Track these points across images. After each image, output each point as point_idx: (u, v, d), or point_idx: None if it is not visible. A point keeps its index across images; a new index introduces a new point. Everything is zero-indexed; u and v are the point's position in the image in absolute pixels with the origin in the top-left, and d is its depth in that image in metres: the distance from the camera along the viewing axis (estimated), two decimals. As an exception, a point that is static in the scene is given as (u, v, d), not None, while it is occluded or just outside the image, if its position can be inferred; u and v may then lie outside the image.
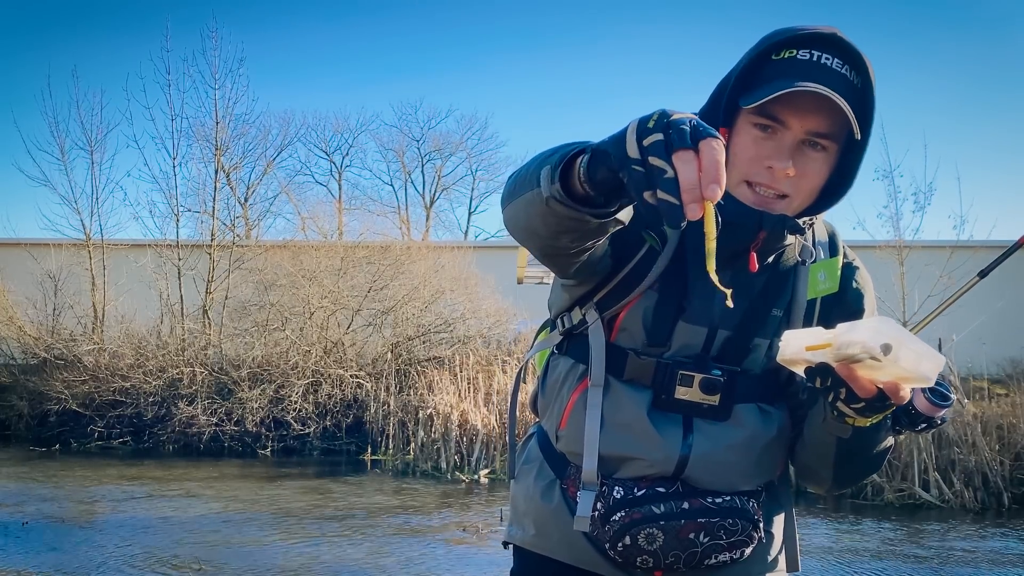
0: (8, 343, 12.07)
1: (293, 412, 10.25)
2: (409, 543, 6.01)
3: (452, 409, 9.13)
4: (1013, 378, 9.28)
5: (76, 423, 10.62)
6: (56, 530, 6.17)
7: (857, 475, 1.26)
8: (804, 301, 1.25)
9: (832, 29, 1.17)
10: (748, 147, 1.17)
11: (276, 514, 6.87)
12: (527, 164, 1.09)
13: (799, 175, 1.16)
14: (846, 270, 1.29)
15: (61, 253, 12.82)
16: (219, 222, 13.20)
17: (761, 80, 1.16)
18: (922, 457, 7.65)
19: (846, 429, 1.11)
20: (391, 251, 12.31)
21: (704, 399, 1.22)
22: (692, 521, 1.21)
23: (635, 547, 1.21)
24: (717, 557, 1.23)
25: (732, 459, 1.24)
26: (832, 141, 1.17)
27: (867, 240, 11.93)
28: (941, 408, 1.12)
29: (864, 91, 1.16)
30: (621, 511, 1.21)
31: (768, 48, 1.17)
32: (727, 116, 1.20)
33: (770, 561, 1.34)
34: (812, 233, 1.28)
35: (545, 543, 1.33)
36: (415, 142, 28.28)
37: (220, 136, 13.27)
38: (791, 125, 1.15)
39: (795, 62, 1.15)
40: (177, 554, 5.52)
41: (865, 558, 5.76)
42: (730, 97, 1.18)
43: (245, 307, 11.89)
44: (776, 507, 1.36)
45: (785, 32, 1.18)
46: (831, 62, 1.15)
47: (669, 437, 1.23)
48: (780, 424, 1.28)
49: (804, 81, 1.11)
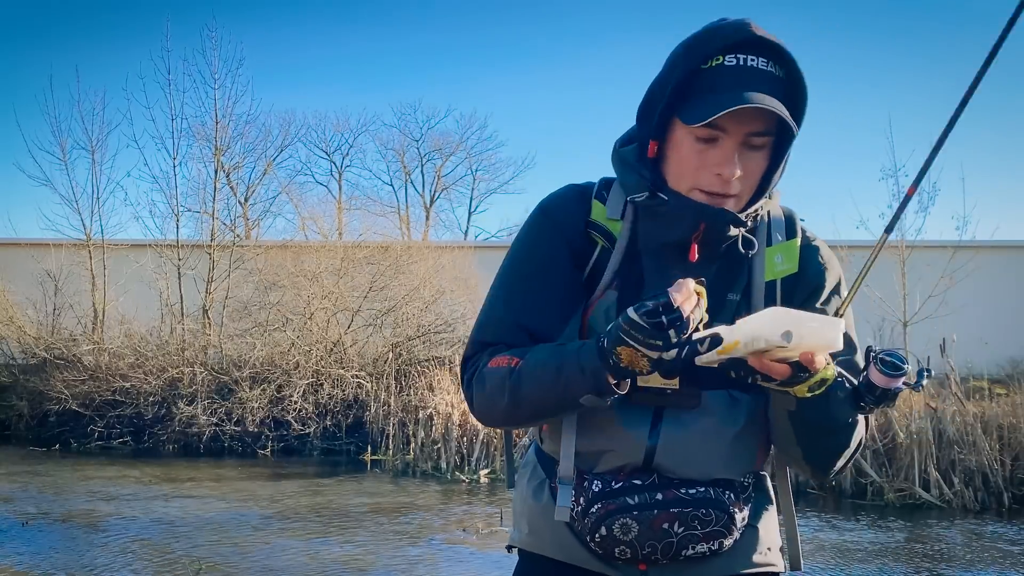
0: (8, 343, 12.06)
1: (293, 412, 10.25)
2: (409, 543, 6.01)
3: (452, 409, 9.13)
4: (1013, 378, 9.26)
5: (76, 423, 10.61)
6: (56, 530, 6.18)
7: (827, 453, 1.27)
8: (763, 284, 1.29)
9: (744, 24, 1.20)
10: (693, 157, 1.22)
11: (276, 514, 6.87)
12: (509, 394, 1.24)
13: (744, 175, 1.22)
14: (805, 251, 1.34)
15: (61, 253, 12.81)
16: (219, 222, 13.21)
17: (695, 91, 1.20)
18: (922, 457, 7.64)
19: (790, 401, 1.16)
20: (391, 251, 12.31)
21: (665, 384, 1.25)
22: (665, 511, 1.24)
23: (611, 538, 1.25)
24: (694, 548, 1.26)
25: (701, 446, 1.26)
26: (768, 136, 1.23)
27: (869, 240, 11.90)
28: (897, 378, 1.14)
29: (789, 80, 1.21)
30: (598, 503, 1.26)
31: (695, 61, 1.21)
32: (660, 128, 1.24)
33: (755, 558, 1.35)
34: (768, 219, 1.32)
35: (538, 542, 1.37)
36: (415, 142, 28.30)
37: (220, 136, 13.27)
38: (732, 132, 1.20)
39: (724, 70, 1.19)
40: (177, 554, 5.52)
41: (865, 558, 5.76)
42: (665, 112, 1.23)
43: (245, 307, 11.89)
44: (764, 503, 1.38)
45: (706, 39, 1.22)
46: (756, 62, 1.19)
47: (638, 427, 1.27)
48: (751, 410, 1.29)
49: (735, 88, 1.17)
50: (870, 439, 7.91)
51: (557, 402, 1.21)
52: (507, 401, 1.25)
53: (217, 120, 13.18)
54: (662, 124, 1.24)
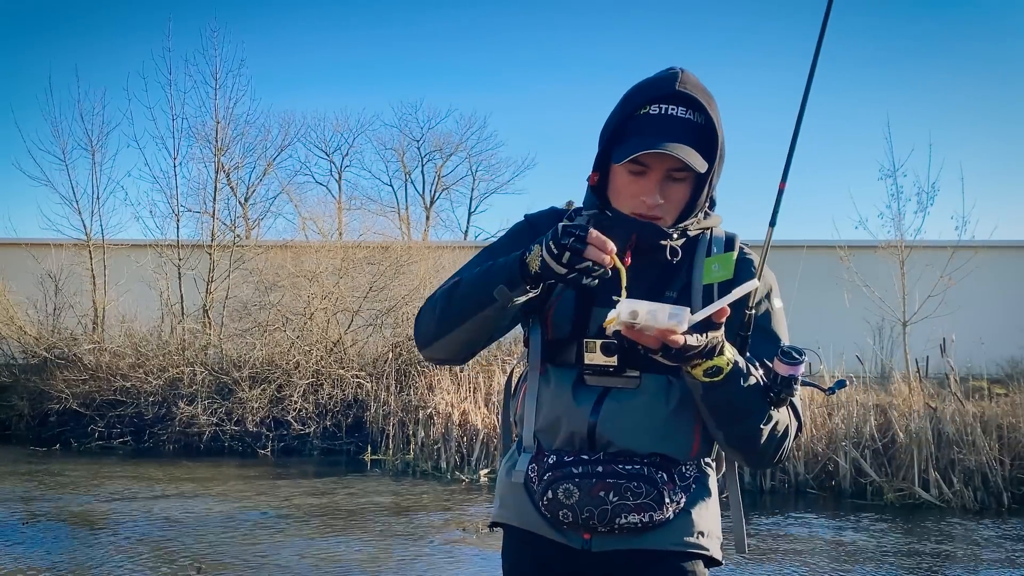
0: (8, 343, 12.06)
1: (293, 412, 10.25)
2: (409, 543, 6.01)
3: (452, 409, 9.14)
4: (1013, 378, 9.28)
5: (76, 423, 10.62)
6: (56, 530, 6.18)
7: (743, 438, 1.45)
8: (700, 286, 1.53)
9: (672, 78, 1.49)
10: (627, 186, 1.52)
11: (276, 514, 6.88)
12: (443, 298, 1.53)
13: (667, 202, 1.51)
14: (741, 263, 1.55)
15: (62, 253, 12.83)
16: (219, 222, 13.21)
17: (626, 134, 1.50)
18: (922, 457, 7.65)
19: (696, 385, 1.40)
20: (391, 251, 12.31)
21: (606, 361, 1.49)
22: (602, 481, 1.47)
23: (556, 501, 1.49)
24: (627, 517, 1.47)
25: (637, 420, 1.49)
26: (688, 171, 1.49)
27: (868, 240, 11.91)
28: (796, 365, 1.37)
29: (707, 125, 1.50)
30: (550, 472, 1.51)
31: (629, 109, 1.52)
32: (602, 162, 1.55)
33: (686, 538, 1.52)
34: (710, 236, 1.59)
35: (506, 512, 1.61)
36: (415, 142, 28.32)
37: (220, 136, 13.28)
38: (655, 168, 1.49)
39: (650, 119, 1.49)
40: (177, 554, 5.52)
41: (865, 558, 5.76)
42: (606, 148, 1.54)
43: (245, 307, 11.89)
44: (703, 495, 1.56)
45: (639, 91, 1.52)
46: (676, 111, 1.49)
47: (584, 404, 1.51)
48: (684, 394, 1.49)
49: (657, 135, 1.46)
50: (869, 439, 7.93)
51: (478, 294, 1.46)
52: (441, 305, 1.52)
53: (217, 120, 13.21)
54: (603, 159, 1.55)
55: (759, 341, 1.46)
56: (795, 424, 1.49)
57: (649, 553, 1.50)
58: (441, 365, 7.36)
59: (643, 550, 1.50)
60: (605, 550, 1.50)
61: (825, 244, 11.42)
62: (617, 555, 1.51)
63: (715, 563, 1.56)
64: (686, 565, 1.52)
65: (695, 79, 1.51)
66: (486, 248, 1.67)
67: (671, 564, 1.51)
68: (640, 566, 1.51)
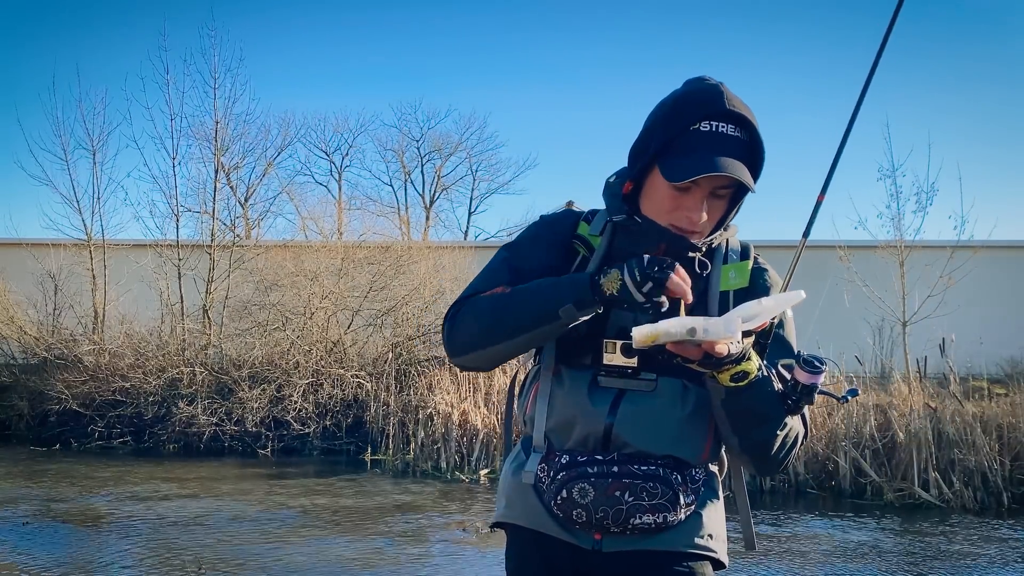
0: (8, 343, 12.06)
1: (293, 412, 10.25)
2: (409, 543, 6.02)
3: (452, 409, 9.14)
4: (1013, 378, 9.27)
5: (76, 423, 10.61)
6: (56, 530, 6.18)
7: (759, 443, 1.47)
8: (717, 293, 1.55)
9: (719, 95, 1.46)
10: (668, 200, 1.50)
11: (276, 514, 6.88)
12: (492, 311, 1.50)
13: (708, 218, 1.51)
14: (756, 272, 1.59)
15: (62, 253, 12.82)
16: (219, 222, 13.20)
17: (675, 151, 1.47)
18: (922, 457, 7.66)
19: (720, 390, 1.41)
20: (391, 251, 12.31)
21: (625, 362, 1.50)
22: (618, 481, 1.46)
23: (571, 500, 1.48)
24: (641, 518, 1.47)
25: (653, 423, 1.49)
26: (730, 188, 1.51)
27: (868, 240, 11.90)
28: (817, 375, 1.39)
29: (751, 143, 1.49)
30: (564, 472, 1.50)
31: (680, 125, 1.48)
32: (642, 173, 1.53)
33: (697, 540, 1.53)
34: (727, 245, 1.61)
35: (512, 512, 1.60)
36: (415, 142, 28.33)
37: (220, 136, 13.27)
38: (703, 186, 1.48)
39: (700, 136, 1.46)
40: (177, 554, 5.52)
41: (865, 558, 5.77)
42: (650, 161, 1.50)
43: (245, 307, 11.88)
44: (711, 497, 1.57)
45: (687, 106, 1.48)
46: (727, 129, 1.47)
47: (601, 406, 1.50)
48: (699, 399, 1.50)
49: (708, 152, 1.44)
50: (869, 439, 7.93)
51: (539, 310, 1.44)
52: (491, 318, 1.49)
53: (217, 120, 13.19)
54: (644, 170, 1.52)
55: (773, 348, 1.49)
56: (803, 431, 1.52)
57: (659, 554, 1.51)
58: (466, 371, 7.34)
59: (654, 551, 1.51)
60: (616, 551, 1.50)
61: (825, 244, 11.41)
62: (627, 556, 1.51)
63: (720, 566, 1.57)
64: (695, 567, 1.53)
65: (734, 95, 1.50)
66: (505, 246, 1.65)
67: (681, 565, 1.52)
68: (650, 567, 1.51)
